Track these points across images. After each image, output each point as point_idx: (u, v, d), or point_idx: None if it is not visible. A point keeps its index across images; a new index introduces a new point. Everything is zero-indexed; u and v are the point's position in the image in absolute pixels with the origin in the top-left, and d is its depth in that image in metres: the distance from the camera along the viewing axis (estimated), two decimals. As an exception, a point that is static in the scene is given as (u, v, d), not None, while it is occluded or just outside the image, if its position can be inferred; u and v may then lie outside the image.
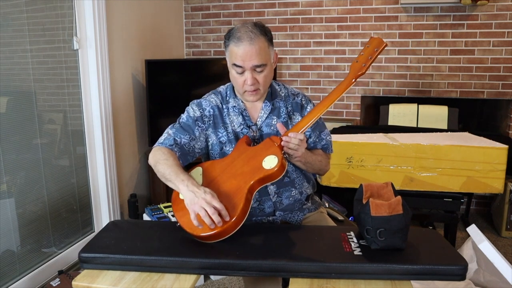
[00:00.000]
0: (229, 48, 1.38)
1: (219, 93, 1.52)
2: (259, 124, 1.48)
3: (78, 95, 2.43)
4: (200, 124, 1.46)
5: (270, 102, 1.49)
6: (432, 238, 1.27)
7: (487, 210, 3.30)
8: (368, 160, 2.34)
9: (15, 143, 2.02)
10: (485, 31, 3.03)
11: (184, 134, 1.44)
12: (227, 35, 1.40)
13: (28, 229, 2.12)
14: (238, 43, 1.34)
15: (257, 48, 1.34)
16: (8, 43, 1.98)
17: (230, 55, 1.38)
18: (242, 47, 1.34)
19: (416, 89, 3.25)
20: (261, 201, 1.47)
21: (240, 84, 1.40)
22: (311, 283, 1.09)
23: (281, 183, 1.47)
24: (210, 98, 1.50)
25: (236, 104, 1.48)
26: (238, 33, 1.35)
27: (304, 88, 3.45)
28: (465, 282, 1.91)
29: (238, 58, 1.35)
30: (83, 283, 1.12)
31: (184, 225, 1.24)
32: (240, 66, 1.36)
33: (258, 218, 1.50)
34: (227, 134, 1.46)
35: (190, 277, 1.13)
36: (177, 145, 1.41)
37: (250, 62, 1.35)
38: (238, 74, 1.38)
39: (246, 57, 1.34)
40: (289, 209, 1.51)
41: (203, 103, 1.49)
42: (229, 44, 1.38)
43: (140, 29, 2.97)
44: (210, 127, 1.47)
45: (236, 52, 1.35)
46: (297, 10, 3.39)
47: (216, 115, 1.48)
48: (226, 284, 2.34)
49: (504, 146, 2.24)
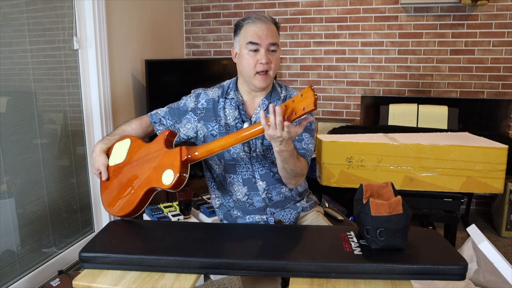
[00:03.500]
0: (243, 29, 1.43)
1: (221, 87, 1.55)
2: (253, 120, 1.49)
3: (78, 95, 2.43)
4: (192, 115, 1.52)
5: (268, 100, 1.50)
6: (432, 238, 1.27)
7: (487, 210, 3.30)
8: (368, 160, 2.34)
9: (15, 143, 2.02)
10: (485, 31, 3.03)
11: (172, 117, 1.54)
12: (240, 21, 1.45)
13: (28, 229, 2.11)
14: (255, 21, 1.40)
15: (272, 29, 1.42)
16: (8, 43, 1.98)
17: (245, 34, 1.41)
18: (259, 25, 1.40)
19: (416, 89, 3.25)
20: (250, 195, 1.50)
21: (252, 65, 1.41)
22: (311, 283, 1.09)
23: (270, 179, 1.49)
24: (210, 92, 1.54)
25: (235, 97, 1.50)
26: (254, 15, 1.42)
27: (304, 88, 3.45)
28: (465, 282, 1.91)
29: (255, 35, 1.39)
30: (84, 283, 1.12)
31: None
32: (257, 43, 1.39)
33: (251, 216, 1.50)
34: (219, 127, 1.49)
35: (191, 277, 1.13)
36: (163, 125, 1.54)
37: (267, 40, 1.39)
38: (251, 53, 1.41)
39: (263, 33, 1.39)
40: (280, 205, 1.52)
41: (201, 96, 1.54)
42: (243, 25, 1.43)
43: (140, 29, 2.97)
44: (201, 119, 1.51)
45: (253, 30, 1.40)
46: (297, 10, 3.39)
47: (209, 108, 1.51)
48: (226, 284, 2.34)
49: (504, 146, 2.24)
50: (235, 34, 1.47)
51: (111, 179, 1.43)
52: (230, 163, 1.49)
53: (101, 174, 1.44)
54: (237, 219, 1.53)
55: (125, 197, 1.37)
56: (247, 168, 1.48)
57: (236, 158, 1.48)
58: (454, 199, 2.33)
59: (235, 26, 1.47)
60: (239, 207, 1.53)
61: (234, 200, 1.53)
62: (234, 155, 1.48)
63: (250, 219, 1.50)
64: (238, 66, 1.48)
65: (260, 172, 1.49)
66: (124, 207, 1.36)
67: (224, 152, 1.47)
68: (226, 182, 1.52)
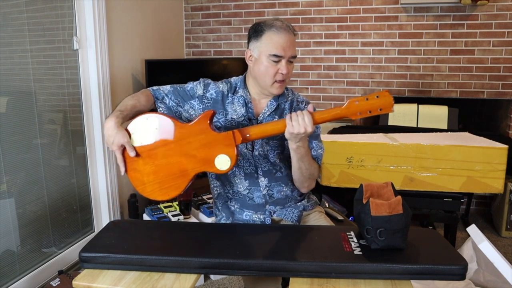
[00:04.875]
0: (265, 37, 1.40)
1: (229, 82, 1.54)
2: (260, 120, 1.49)
3: (78, 95, 2.43)
4: (198, 102, 1.49)
5: (276, 101, 1.50)
6: (432, 238, 1.27)
7: (487, 210, 3.30)
8: (368, 160, 2.34)
9: (15, 143, 2.02)
10: (485, 31, 3.03)
11: (176, 97, 1.49)
12: (261, 25, 1.41)
13: (28, 229, 2.11)
14: (280, 30, 1.38)
15: (293, 40, 1.41)
16: (8, 43, 1.98)
17: (269, 43, 1.39)
18: (283, 35, 1.38)
19: (416, 89, 3.25)
20: (250, 190, 1.49)
21: (272, 74, 1.41)
22: (311, 283, 1.09)
23: (272, 177, 1.49)
24: (219, 84, 1.53)
25: (244, 95, 1.50)
26: (277, 22, 1.39)
27: (304, 88, 3.46)
28: (465, 282, 1.91)
29: (279, 47, 1.38)
30: (84, 283, 1.12)
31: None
32: (281, 56, 1.38)
33: (249, 212, 1.50)
34: (225, 121, 1.48)
35: (191, 277, 1.13)
36: (164, 103, 1.48)
37: (289, 52, 1.39)
38: (272, 64, 1.40)
39: (286, 46, 1.38)
40: (280, 203, 1.51)
41: (211, 86, 1.52)
42: (265, 32, 1.40)
43: (140, 29, 2.97)
44: (207, 109, 1.48)
45: (277, 41, 1.38)
46: (297, 10, 3.39)
47: (217, 100, 1.50)
48: (226, 284, 2.34)
49: (504, 146, 2.24)
50: (254, 38, 1.43)
51: (143, 160, 1.32)
52: None
53: (126, 150, 1.31)
54: (235, 213, 1.52)
55: (168, 181, 1.31)
56: (249, 163, 1.48)
57: (239, 152, 1.47)
58: (454, 199, 2.34)
59: (255, 29, 1.43)
60: (238, 200, 1.52)
61: (234, 191, 1.52)
62: None
63: (247, 217, 1.50)
64: (254, 70, 1.46)
65: (263, 169, 1.49)
66: (169, 192, 1.31)
67: None
68: (227, 173, 1.51)
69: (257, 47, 1.42)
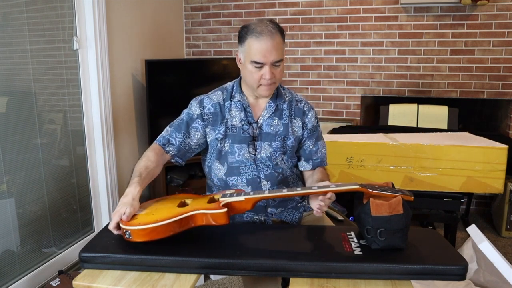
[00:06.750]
0: (247, 43, 1.39)
1: (224, 89, 1.54)
2: (260, 123, 1.49)
3: (78, 95, 2.43)
4: (200, 121, 1.49)
5: (275, 103, 1.50)
6: (432, 238, 1.27)
7: (487, 210, 3.30)
8: (368, 160, 2.34)
9: (15, 143, 2.02)
10: (485, 31, 3.03)
11: (180, 132, 1.49)
12: (244, 30, 1.40)
13: (28, 229, 2.11)
14: (259, 37, 1.36)
15: (276, 43, 1.37)
16: (8, 43, 1.98)
17: (249, 50, 1.39)
18: (263, 42, 1.36)
19: (416, 89, 3.25)
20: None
21: (257, 79, 1.41)
22: (311, 283, 1.09)
23: (275, 180, 1.49)
24: (213, 96, 1.52)
25: (241, 99, 1.49)
26: (258, 27, 1.37)
27: (304, 88, 3.46)
28: (465, 282, 1.91)
29: (258, 54, 1.36)
30: (84, 283, 1.12)
31: None
32: (261, 62, 1.37)
33: (250, 213, 1.49)
34: (225, 129, 1.48)
35: (191, 277, 1.13)
36: (172, 144, 1.48)
37: (271, 58, 1.37)
38: (255, 69, 1.39)
39: (267, 52, 1.36)
40: (282, 206, 1.51)
41: (205, 101, 1.51)
42: (247, 38, 1.39)
43: (140, 29, 2.97)
44: (209, 124, 1.49)
45: (257, 48, 1.36)
46: (297, 10, 3.39)
47: (216, 112, 1.49)
48: (226, 284, 2.34)
49: (504, 146, 2.24)
50: (240, 42, 1.44)
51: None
52: (234, 166, 1.48)
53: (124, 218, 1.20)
54: (236, 215, 1.51)
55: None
56: (252, 169, 1.48)
57: (241, 160, 1.47)
58: (454, 199, 2.33)
59: (239, 33, 1.43)
60: None
61: None
62: (239, 157, 1.47)
63: (247, 218, 1.50)
64: (242, 73, 1.48)
65: (265, 173, 1.48)
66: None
67: (228, 155, 1.47)
68: (228, 184, 1.50)
69: (242, 51, 1.43)
